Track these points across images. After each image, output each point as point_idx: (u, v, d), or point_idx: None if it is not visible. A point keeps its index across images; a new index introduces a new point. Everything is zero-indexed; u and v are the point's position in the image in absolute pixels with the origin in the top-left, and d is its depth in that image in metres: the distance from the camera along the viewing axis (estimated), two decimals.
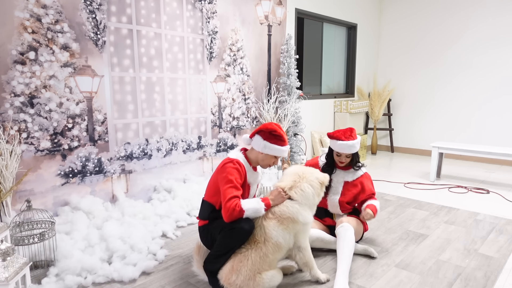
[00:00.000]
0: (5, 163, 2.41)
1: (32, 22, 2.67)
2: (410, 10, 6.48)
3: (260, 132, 2.23)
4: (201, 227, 2.27)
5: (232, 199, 2.03)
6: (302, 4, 5.19)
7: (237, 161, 2.18)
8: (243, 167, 2.19)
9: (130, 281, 2.31)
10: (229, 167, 2.13)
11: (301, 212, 2.11)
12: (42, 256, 2.35)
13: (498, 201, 3.94)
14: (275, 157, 2.26)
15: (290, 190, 2.16)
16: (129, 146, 3.34)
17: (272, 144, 2.19)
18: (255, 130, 2.27)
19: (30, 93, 2.69)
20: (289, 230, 2.09)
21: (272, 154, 2.22)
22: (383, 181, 4.77)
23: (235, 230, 2.02)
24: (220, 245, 2.08)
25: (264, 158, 2.24)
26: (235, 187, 2.08)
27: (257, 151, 2.24)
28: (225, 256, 2.08)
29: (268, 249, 2.03)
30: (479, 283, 2.27)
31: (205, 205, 2.25)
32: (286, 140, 2.25)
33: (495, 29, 5.60)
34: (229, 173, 2.11)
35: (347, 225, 2.48)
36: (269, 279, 2.02)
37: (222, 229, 2.08)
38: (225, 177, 2.09)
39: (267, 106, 4.51)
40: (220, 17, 4.05)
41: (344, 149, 2.58)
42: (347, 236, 2.41)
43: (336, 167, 2.74)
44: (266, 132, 2.21)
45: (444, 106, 6.25)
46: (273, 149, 2.20)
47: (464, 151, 4.48)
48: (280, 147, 2.21)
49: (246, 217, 2.06)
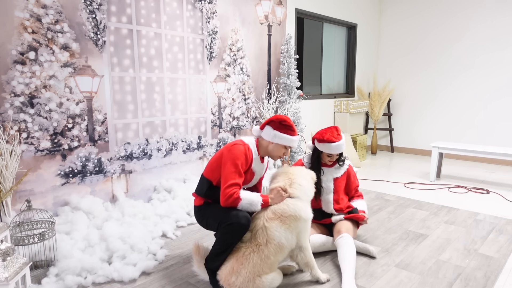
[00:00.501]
0: (5, 163, 2.41)
1: (32, 22, 2.67)
2: (410, 10, 6.48)
3: (271, 123, 2.25)
4: (196, 207, 2.29)
5: (233, 186, 2.06)
6: (302, 4, 5.19)
7: (248, 147, 2.20)
8: (251, 153, 2.21)
9: (130, 281, 2.31)
10: (238, 149, 2.14)
11: (302, 208, 2.11)
12: (42, 256, 2.35)
13: (498, 201, 3.94)
14: (285, 148, 2.27)
15: (290, 188, 2.16)
16: (129, 146, 3.34)
17: (282, 134, 2.21)
18: (265, 121, 2.29)
19: (30, 93, 2.69)
20: (291, 230, 2.08)
21: (282, 143, 2.23)
22: (383, 181, 4.77)
23: (232, 225, 2.03)
24: (219, 243, 2.09)
25: (274, 148, 2.25)
26: (239, 172, 2.10)
27: (268, 141, 2.25)
28: (226, 253, 2.09)
29: (270, 251, 2.03)
30: (479, 283, 2.27)
31: (204, 181, 2.26)
32: (296, 130, 2.27)
33: (496, 29, 5.60)
34: (237, 156, 2.11)
35: (346, 235, 2.47)
36: (269, 282, 2.02)
37: (219, 224, 2.09)
38: (232, 160, 2.10)
39: (267, 106, 4.51)
40: (220, 17, 4.05)
41: (338, 149, 2.61)
42: (348, 244, 2.41)
43: (322, 167, 2.75)
44: (276, 122, 2.23)
45: (444, 106, 6.25)
46: (283, 138, 2.21)
47: (464, 151, 4.48)
48: (290, 136, 2.22)
49: (242, 210, 2.07)
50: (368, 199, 4.01)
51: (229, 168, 2.09)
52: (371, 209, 3.67)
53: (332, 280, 2.31)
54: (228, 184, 2.05)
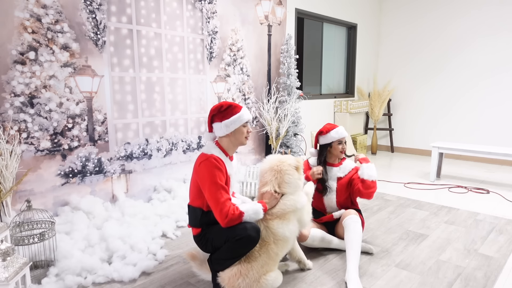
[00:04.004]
0: (5, 163, 2.40)
1: (32, 22, 2.67)
2: (411, 10, 6.48)
3: (214, 118, 2.12)
4: (196, 236, 2.15)
5: (226, 202, 1.94)
6: (302, 4, 5.19)
7: (214, 157, 2.02)
8: (221, 161, 2.04)
9: (130, 281, 2.31)
10: (208, 166, 1.98)
11: (297, 200, 2.15)
12: (42, 256, 2.35)
13: (498, 201, 3.94)
14: (243, 127, 2.12)
15: (280, 189, 2.16)
16: (129, 146, 3.34)
17: (231, 118, 2.06)
18: (208, 122, 2.16)
19: (30, 93, 2.69)
20: (292, 220, 2.13)
21: (238, 126, 2.09)
22: (383, 181, 4.77)
23: (243, 240, 1.92)
24: (228, 253, 1.99)
25: (235, 137, 2.12)
26: (222, 187, 1.96)
27: (225, 136, 2.12)
28: (234, 260, 2.01)
29: (278, 247, 2.06)
30: (479, 283, 2.27)
31: (193, 210, 2.12)
32: (238, 105, 2.12)
33: (496, 30, 5.60)
34: (210, 174, 1.96)
35: (355, 217, 2.48)
36: (272, 281, 2.03)
37: (227, 239, 1.96)
38: (208, 179, 1.96)
39: (267, 106, 4.51)
40: (220, 17, 4.05)
41: (343, 132, 2.69)
42: (356, 229, 2.43)
43: (327, 166, 2.76)
44: (218, 114, 2.09)
45: (444, 106, 6.25)
46: (235, 120, 2.07)
47: (464, 151, 4.48)
48: (239, 113, 2.07)
49: (248, 221, 1.98)
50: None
51: (211, 188, 1.94)
52: (371, 209, 3.67)
53: (333, 280, 2.31)
54: (221, 203, 1.92)
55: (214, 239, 2.05)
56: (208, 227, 2.09)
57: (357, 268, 2.26)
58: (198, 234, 2.14)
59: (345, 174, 2.74)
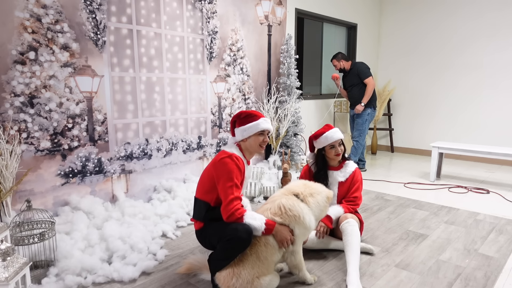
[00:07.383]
0: (5, 163, 2.41)
1: (32, 22, 2.67)
2: (411, 9, 6.48)
3: (235, 124, 2.27)
4: (198, 230, 2.22)
5: (234, 201, 2.01)
6: (302, 4, 5.19)
7: (235, 156, 2.12)
8: (241, 162, 2.15)
9: (130, 281, 2.31)
10: (229, 163, 2.07)
11: (308, 214, 2.12)
12: (42, 256, 2.35)
13: (498, 201, 3.94)
14: (260, 134, 2.23)
15: (310, 196, 2.16)
16: (129, 146, 3.34)
17: (248, 125, 2.20)
18: (231, 127, 2.32)
19: (30, 93, 2.69)
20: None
21: (253, 133, 2.20)
22: (383, 181, 4.77)
23: (233, 240, 1.96)
24: (221, 253, 2.03)
25: (251, 142, 2.23)
26: (236, 185, 2.05)
27: (243, 140, 2.23)
28: (227, 261, 2.03)
29: (267, 251, 2.03)
30: (479, 283, 2.27)
31: (200, 204, 2.18)
32: (258, 114, 2.25)
33: (497, 29, 5.60)
34: (230, 170, 2.05)
35: (353, 221, 2.48)
36: (266, 284, 2.01)
37: (220, 238, 2.02)
38: (226, 174, 2.04)
39: (267, 106, 4.51)
40: (220, 17, 4.05)
41: (334, 136, 2.63)
42: (354, 232, 2.42)
43: (328, 170, 2.75)
44: (238, 120, 2.25)
45: (444, 106, 6.25)
46: (251, 127, 2.19)
47: (464, 151, 4.48)
48: (256, 122, 2.20)
49: (246, 224, 2.01)
50: (368, 199, 4.01)
51: (226, 183, 2.03)
52: (371, 209, 3.67)
53: (332, 280, 2.31)
54: (230, 199, 2.00)
55: (211, 236, 2.12)
56: (211, 223, 2.15)
57: (357, 271, 2.24)
58: (200, 229, 2.20)
59: (346, 177, 2.71)
